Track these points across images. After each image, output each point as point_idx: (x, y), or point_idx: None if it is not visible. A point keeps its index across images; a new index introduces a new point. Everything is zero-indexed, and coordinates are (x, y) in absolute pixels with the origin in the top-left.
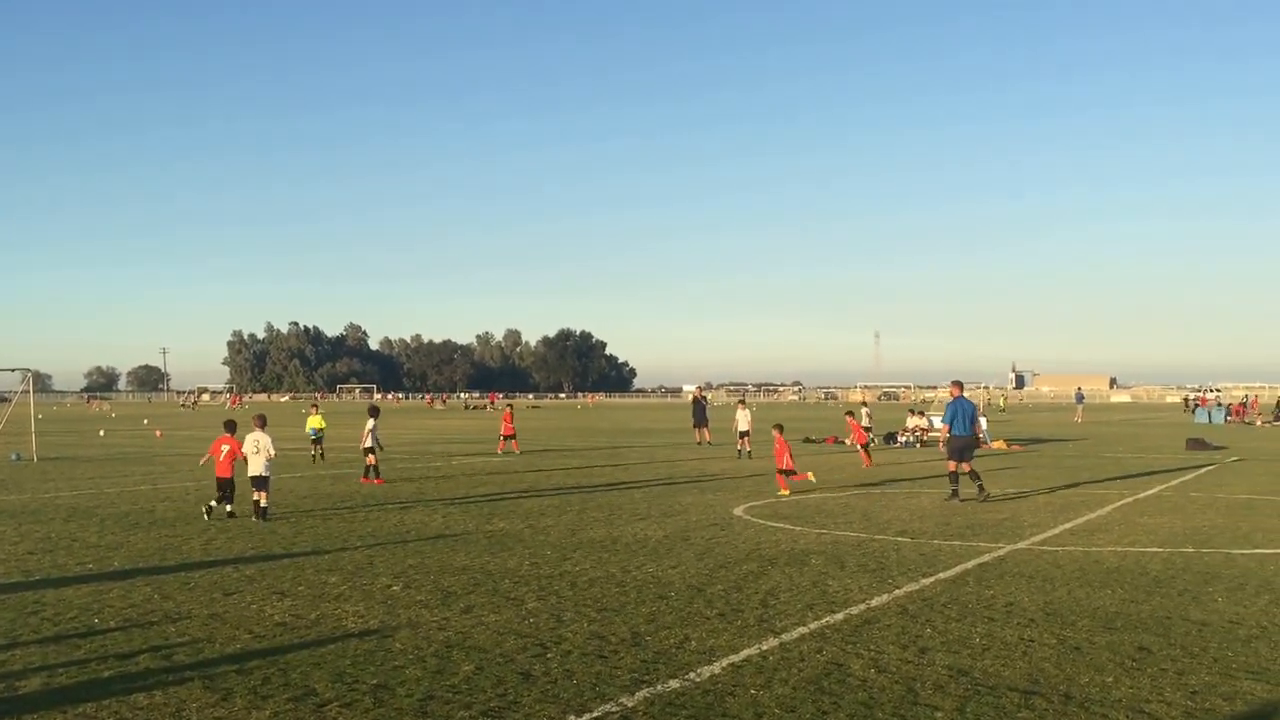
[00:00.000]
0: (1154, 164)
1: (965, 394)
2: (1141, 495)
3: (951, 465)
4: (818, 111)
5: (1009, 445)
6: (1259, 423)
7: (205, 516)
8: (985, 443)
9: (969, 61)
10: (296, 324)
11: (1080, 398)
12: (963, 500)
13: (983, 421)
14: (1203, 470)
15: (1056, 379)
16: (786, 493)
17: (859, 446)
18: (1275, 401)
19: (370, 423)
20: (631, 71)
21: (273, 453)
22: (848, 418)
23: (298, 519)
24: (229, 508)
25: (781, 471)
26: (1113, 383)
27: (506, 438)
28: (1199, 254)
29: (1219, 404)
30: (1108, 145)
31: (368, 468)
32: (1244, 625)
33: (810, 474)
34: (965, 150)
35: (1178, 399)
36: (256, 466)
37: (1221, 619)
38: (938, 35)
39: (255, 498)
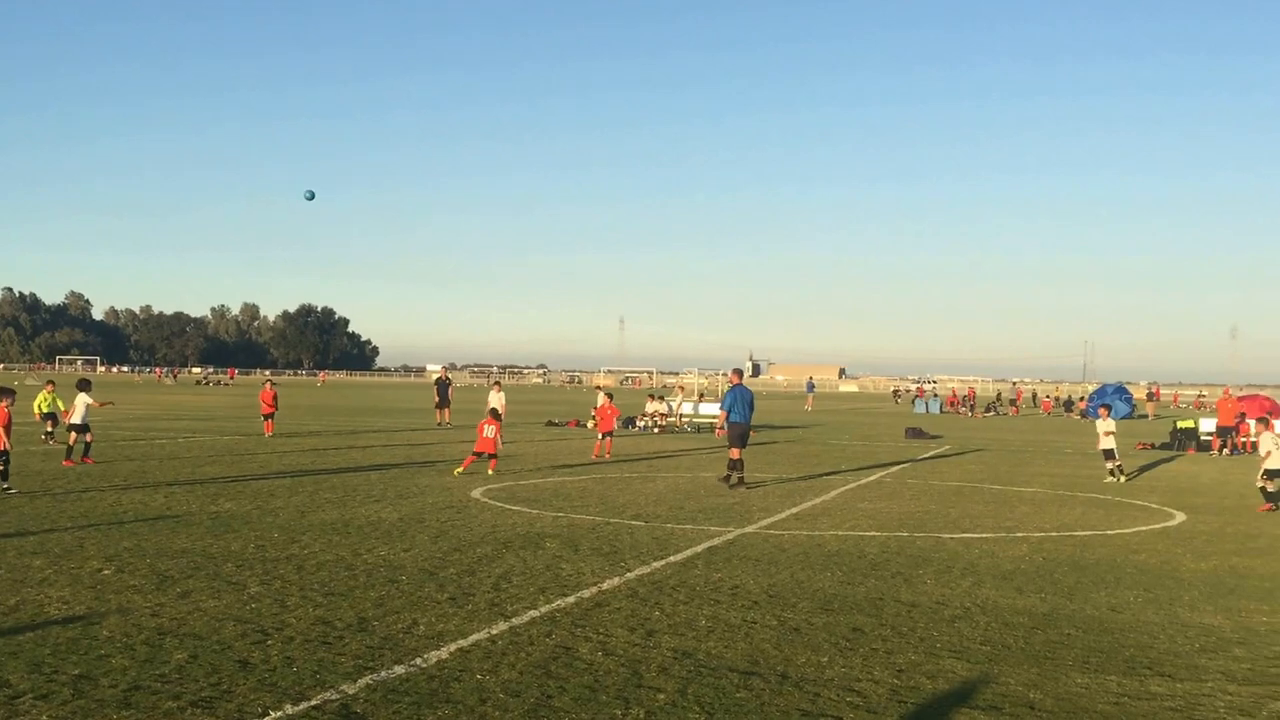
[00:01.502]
0: (876, 165)
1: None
2: (863, 481)
3: (735, 452)
4: (569, 97)
5: None
6: (971, 413)
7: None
8: (720, 429)
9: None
10: (10, 290)
11: (811, 387)
12: (750, 487)
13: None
14: (920, 458)
15: (791, 368)
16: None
17: (603, 435)
18: (996, 395)
19: (82, 398)
20: (367, 50)
21: None
22: (607, 399)
23: None
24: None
25: (478, 454)
26: (842, 373)
27: (266, 417)
28: (923, 254)
29: (935, 395)
30: (836, 144)
31: (69, 448)
32: (949, 606)
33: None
34: (704, 144)
35: (899, 389)
36: None
37: (929, 600)
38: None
39: None
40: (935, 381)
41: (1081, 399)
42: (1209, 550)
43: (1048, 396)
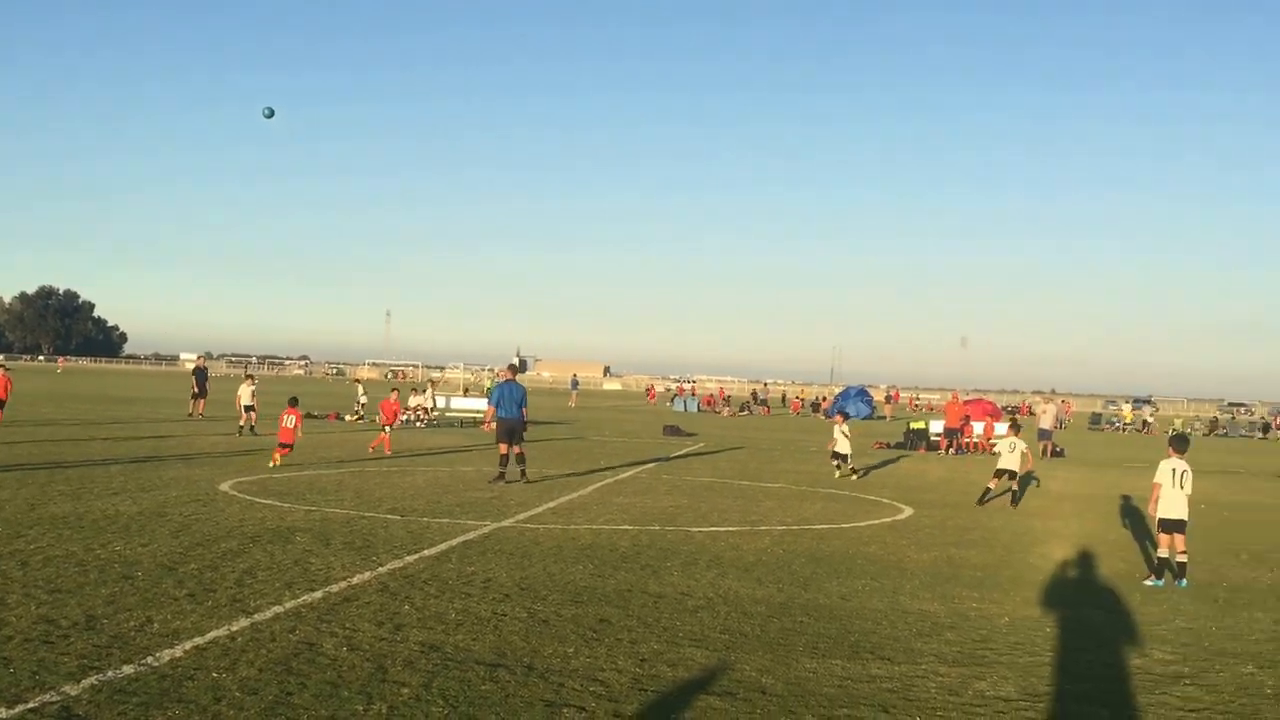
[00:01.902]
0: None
1: (516, 379)
2: (620, 477)
3: (503, 448)
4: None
5: None
6: (726, 413)
7: None
8: (486, 423)
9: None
10: None
11: (575, 384)
12: (508, 482)
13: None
14: (675, 455)
15: (557, 365)
16: (276, 464)
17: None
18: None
19: None
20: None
21: None
22: (394, 392)
23: None
24: None
25: (285, 444)
26: (606, 370)
27: None
28: (685, 257)
29: (693, 394)
30: (601, 146)
31: None
32: (693, 597)
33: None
34: (474, 143)
35: (662, 388)
36: None
37: (675, 591)
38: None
39: None
40: (694, 381)
41: (824, 399)
42: (931, 542)
43: (797, 397)
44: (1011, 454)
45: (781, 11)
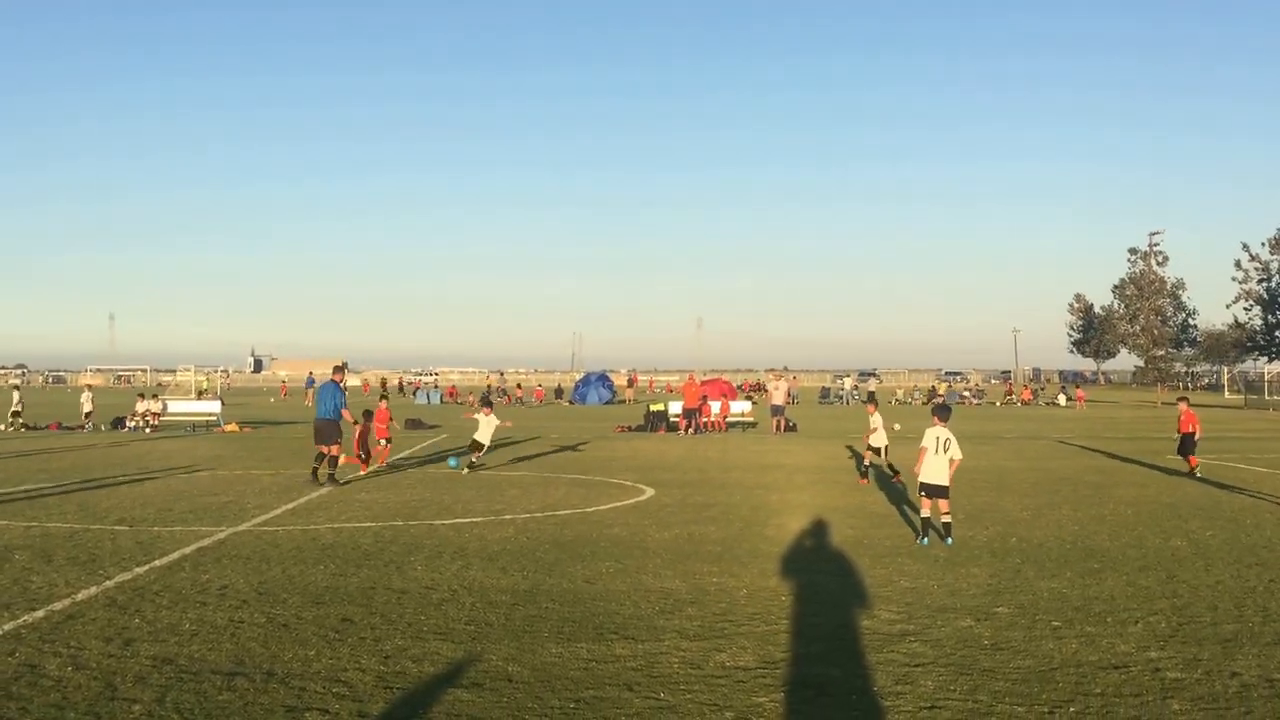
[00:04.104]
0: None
1: (338, 380)
2: (363, 473)
3: (320, 448)
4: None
5: (241, 428)
6: (469, 400)
7: None
8: (219, 426)
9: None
10: None
11: (311, 382)
12: (339, 484)
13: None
14: (418, 446)
15: (294, 363)
16: None
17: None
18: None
19: None
20: None
21: None
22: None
23: None
24: None
25: None
26: (344, 366)
27: None
28: (418, 249)
29: (436, 387)
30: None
31: None
32: (438, 590)
33: None
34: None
35: (394, 381)
36: None
37: (419, 585)
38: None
39: None
40: (438, 374)
41: (559, 389)
42: (672, 520)
43: (539, 385)
44: (880, 430)
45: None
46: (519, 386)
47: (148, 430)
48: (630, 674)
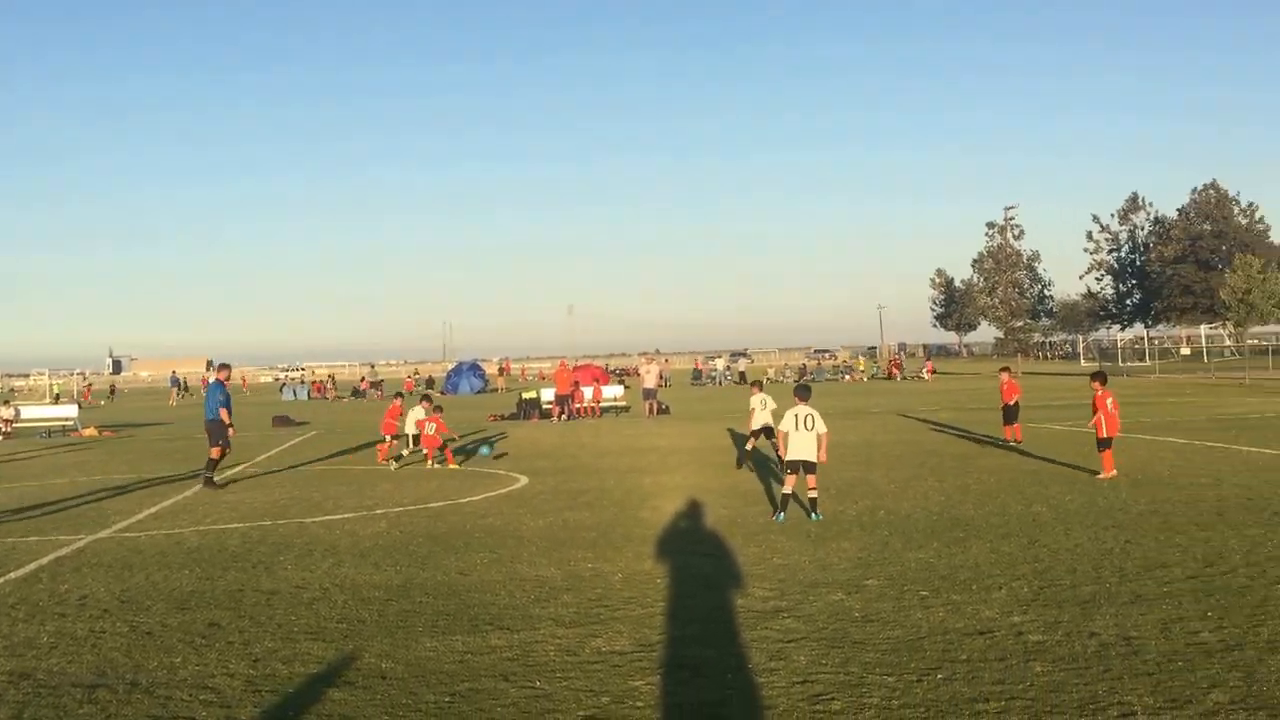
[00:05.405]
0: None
1: (223, 379)
2: (228, 473)
3: (215, 451)
4: None
5: (101, 432)
6: (330, 397)
7: None
8: (76, 430)
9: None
10: None
11: (175, 381)
12: (216, 486)
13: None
14: (286, 445)
15: (156, 363)
16: None
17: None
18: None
19: None
20: None
21: None
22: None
23: None
24: None
25: None
26: (209, 364)
27: None
28: (287, 244)
29: (302, 382)
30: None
31: None
32: (309, 589)
33: None
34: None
35: (270, 378)
36: None
37: (289, 586)
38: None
39: None
40: (304, 369)
41: (429, 380)
42: (546, 508)
43: (409, 377)
44: (763, 410)
45: None
46: (363, 379)
47: (0, 438)
48: (506, 664)
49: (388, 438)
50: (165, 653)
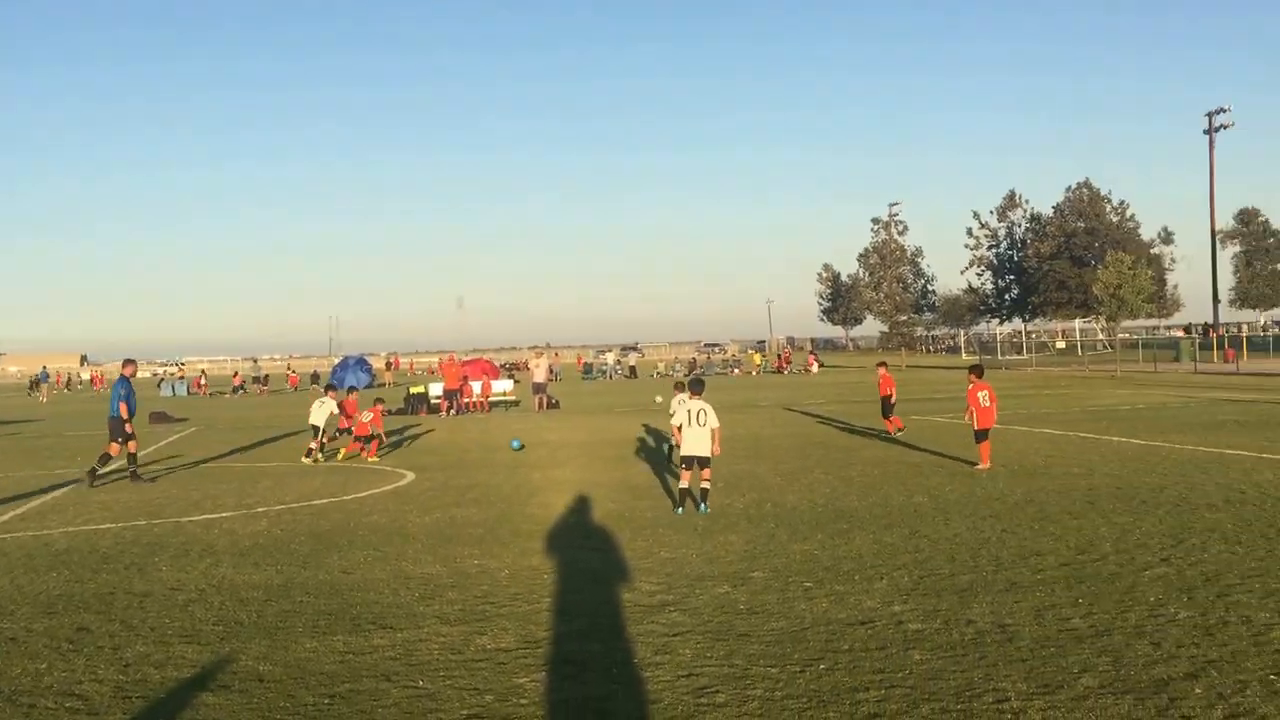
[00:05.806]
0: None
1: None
2: (100, 472)
3: (114, 448)
4: None
5: None
6: (205, 393)
7: None
8: None
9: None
10: None
11: (45, 376)
12: (96, 484)
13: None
14: (163, 441)
15: (25, 359)
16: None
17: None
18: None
19: None
20: None
21: None
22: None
23: None
24: None
25: None
26: (84, 360)
27: None
28: (170, 237)
29: (181, 377)
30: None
31: None
32: (184, 590)
33: None
34: None
35: (148, 374)
36: None
37: (164, 587)
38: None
39: None
40: (184, 364)
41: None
42: (433, 504)
43: (294, 372)
44: (683, 410)
45: None
46: (236, 374)
47: None
48: (389, 663)
49: (362, 438)
50: (30, 659)
